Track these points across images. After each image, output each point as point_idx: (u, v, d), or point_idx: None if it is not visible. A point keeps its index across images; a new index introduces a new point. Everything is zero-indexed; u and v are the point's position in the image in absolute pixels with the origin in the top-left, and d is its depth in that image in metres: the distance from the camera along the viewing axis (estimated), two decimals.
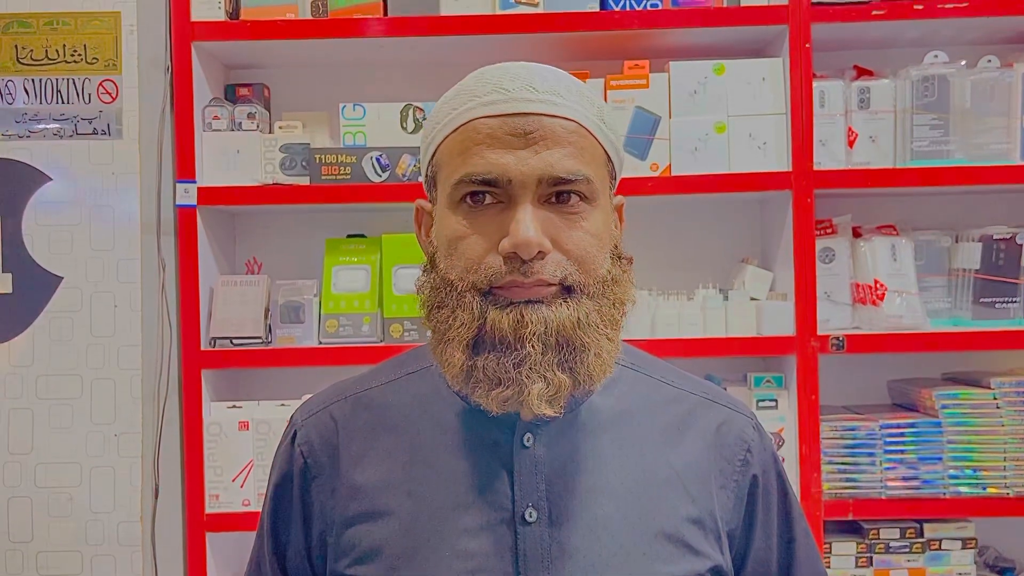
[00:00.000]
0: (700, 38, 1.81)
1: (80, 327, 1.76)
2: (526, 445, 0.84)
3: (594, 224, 0.82)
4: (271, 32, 1.76)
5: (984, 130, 1.75)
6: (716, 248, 1.97)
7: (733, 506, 0.88)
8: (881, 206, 1.92)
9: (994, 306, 1.78)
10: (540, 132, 0.80)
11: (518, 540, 0.81)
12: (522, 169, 0.79)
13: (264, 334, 1.78)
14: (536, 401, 0.77)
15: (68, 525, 1.74)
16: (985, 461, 1.71)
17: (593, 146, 0.83)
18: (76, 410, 1.75)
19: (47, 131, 1.77)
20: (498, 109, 0.80)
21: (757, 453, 0.90)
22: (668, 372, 0.94)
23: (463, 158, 0.81)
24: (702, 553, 0.84)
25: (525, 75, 0.82)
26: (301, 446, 0.90)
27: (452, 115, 0.83)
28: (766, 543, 0.90)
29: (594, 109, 0.84)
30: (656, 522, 0.83)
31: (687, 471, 0.86)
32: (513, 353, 0.78)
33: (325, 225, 1.94)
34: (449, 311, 0.81)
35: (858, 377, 1.94)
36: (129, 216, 1.77)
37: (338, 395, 0.93)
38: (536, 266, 0.78)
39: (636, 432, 0.87)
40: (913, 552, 1.73)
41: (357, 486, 0.86)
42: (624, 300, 0.84)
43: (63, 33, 1.77)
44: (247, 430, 1.74)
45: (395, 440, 0.87)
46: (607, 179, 0.86)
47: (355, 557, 0.84)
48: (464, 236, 0.81)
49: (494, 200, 0.80)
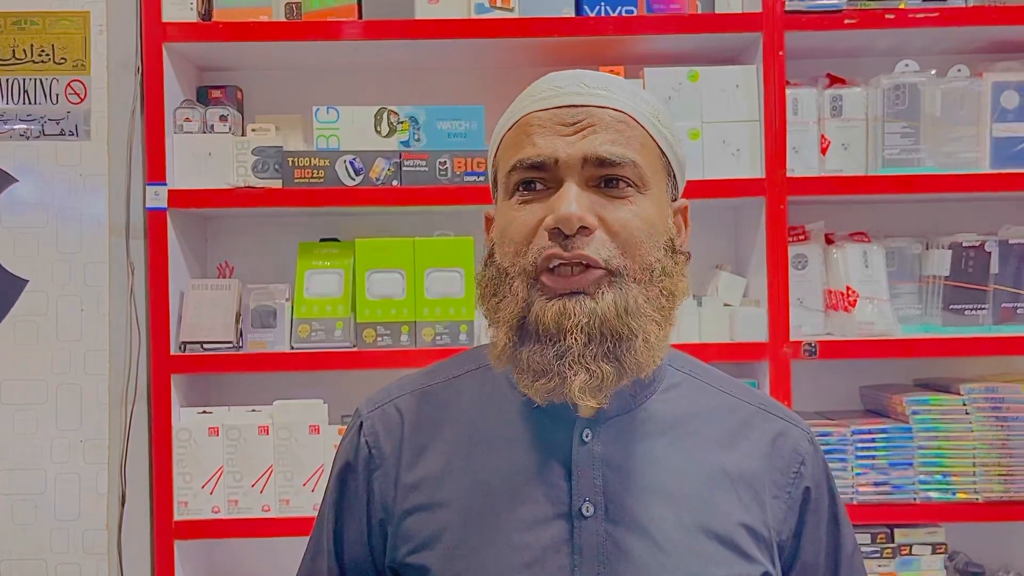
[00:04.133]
0: (675, 45, 1.82)
1: (46, 331, 1.73)
2: (585, 441, 0.85)
3: (643, 209, 0.83)
4: (244, 34, 1.74)
5: (954, 139, 1.77)
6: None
7: (784, 516, 0.88)
8: (853, 213, 1.93)
9: (964, 313, 1.80)
10: (588, 120, 0.83)
11: (574, 534, 0.82)
12: (568, 151, 0.82)
13: (235, 339, 1.76)
14: (578, 393, 0.79)
15: (32, 533, 1.71)
16: (955, 467, 1.72)
17: (644, 137, 0.85)
18: (41, 416, 1.72)
19: (13, 132, 1.74)
20: (549, 103, 0.85)
21: (811, 466, 0.91)
22: (726, 381, 0.95)
23: (516, 149, 0.85)
24: (754, 559, 0.85)
25: (580, 74, 0.87)
26: (367, 436, 0.92)
27: (510, 115, 0.88)
28: (814, 556, 0.91)
29: (648, 107, 0.87)
30: (710, 525, 0.84)
31: (741, 479, 0.87)
32: (556, 345, 0.79)
33: (298, 229, 1.93)
34: (500, 298, 0.83)
35: (830, 383, 1.95)
36: (97, 219, 1.75)
37: (404, 390, 0.95)
38: (579, 241, 0.80)
39: (693, 437, 0.88)
40: (884, 557, 1.74)
41: (418, 477, 0.88)
42: (676, 293, 0.85)
43: (31, 33, 1.74)
44: (217, 436, 1.71)
45: (457, 434, 0.89)
46: (661, 173, 0.87)
47: (413, 546, 0.86)
48: (514, 219, 0.84)
49: (544, 186, 0.83)
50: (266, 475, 1.71)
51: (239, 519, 1.70)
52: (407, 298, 1.76)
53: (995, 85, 1.77)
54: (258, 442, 1.71)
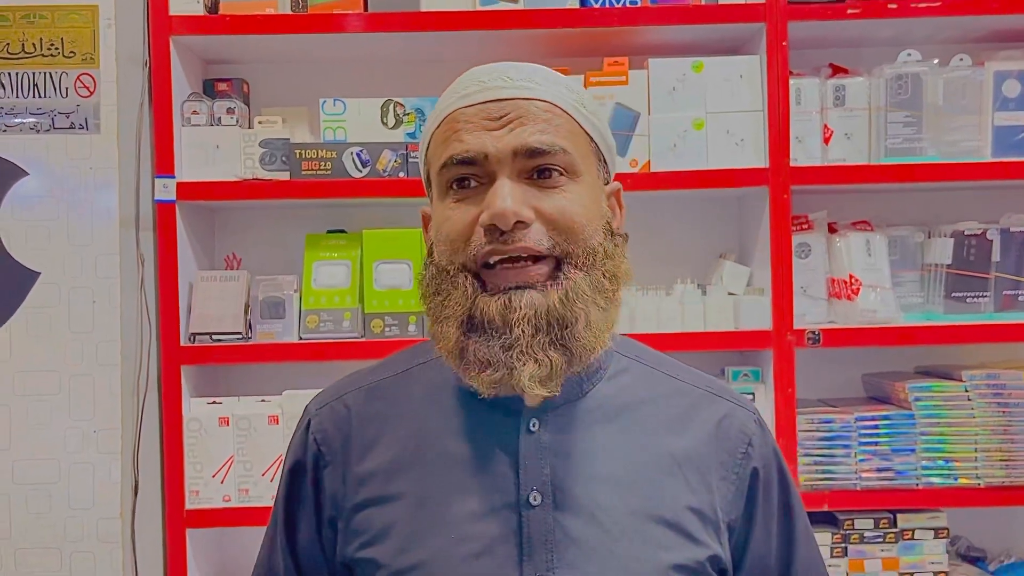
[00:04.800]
0: (679, 36, 1.83)
1: (58, 323, 1.75)
2: (532, 431, 0.86)
3: (578, 195, 0.84)
4: (250, 27, 1.75)
5: (956, 127, 1.78)
6: (694, 244, 1.99)
7: (733, 498, 0.89)
8: (856, 202, 1.94)
9: (965, 300, 1.81)
10: (514, 112, 0.83)
11: (522, 523, 0.83)
12: (497, 145, 0.82)
13: (244, 329, 1.78)
14: (528, 382, 0.79)
15: (47, 521, 1.74)
16: (957, 452, 1.74)
17: (571, 124, 0.85)
18: (54, 406, 1.75)
19: (24, 125, 1.76)
20: (475, 99, 0.85)
21: (758, 447, 0.92)
22: (672, 366, 0.96)
23: (445, 146, 0.85)
24: (701, 542, 0.86)
25: (503, 68, 0.87)
26: (315, 434, 0.93)
27: (437, 113, 0.88)
28: (766, 535, 0.92)
29: (573, 95, 0.87)
30: (657, 510, 0.85)
31: (689, 462, 0.88)
32: (502, 337, 0.80)
33: (305, 220, 1.94)
34: (444, 296, 0.84)
35: (834, 371, 1.97)
36: (107, 211, 1.77)
37: (352, 385, 0.95)
38: (517, 235, 0.80)
39: (640, 423, 0.89)
40: (887, 542, 1.76)
41: (368, 472, 0.88)
42: (618, 275, 0.86)
43: (40, 27, 1.75)
44: (227, 426, 1.73)
45: (405, 428, 0.89)
46: (592, 159, 0.88)
47: (364, 540, 0.87)
48: (449, 218, 0.84)
49: (478, 182, 0.83)
50: (276, 464, 1.73)
51: (250, 507, 1.72)
52: (414, 288, 1.76)
53: (997, 74, 1.78)
54: (268, 432, 1.73)
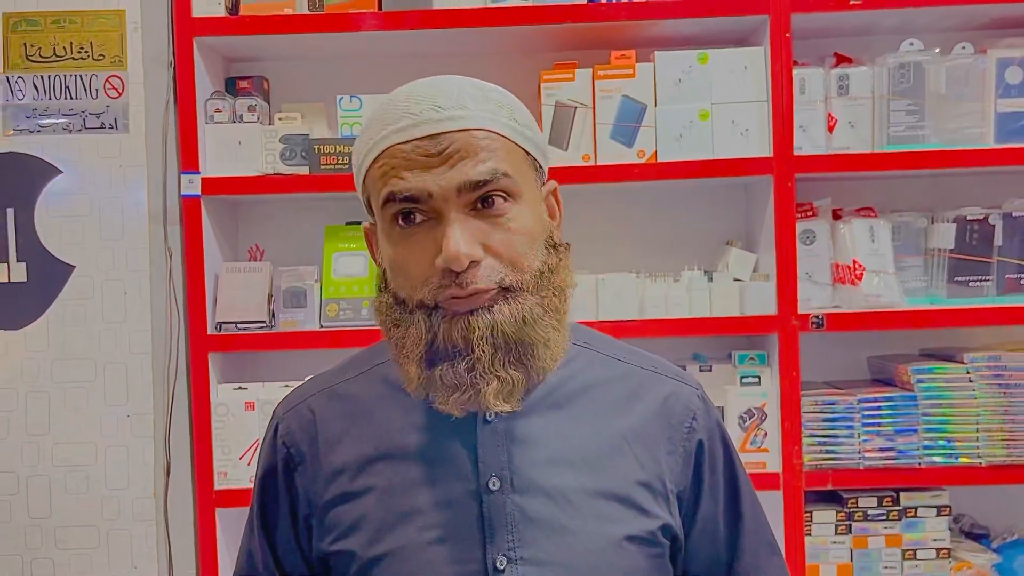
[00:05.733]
0: (685, 28, 1.87)
1: (92, 313, 1.83)
2: (488, 420, 0.91)
3: (522, 222, 0.87)
4: (269, 26, 1.82)
5: (958, 115, 1.81)
6: (701, 231, 2.03)
7: (681, 469, 0.95)
8: (860, 189, 1.98)
9: (968, 284, 1.85)
10: (452, 147, 0.84)
11: (483, 508, 0.89)
12: (440, 183, 0.84)
13: (268, 318, 1.86)
14: (493, 400, 0.84)
15: (85, 501, 1.82)
16: (958, 433, 1.78)
17: (507, 146, 0.87)
18: (90, 393, 1.83)
19: (56, 126, 1.84)
20: (409, 135, 0.85)
21: (703, 420, 0.97)
22: (620, 350, 1.00)
23: (384, 181, 0.86)
24: (652, 513, 0.91)
25: (431, 94, 0.87)
26: (283, 437, 0.97)
27: (371, 143, 0.88)
28: (713, 503, 0.98)
29: (503, 111, 0.88)
30: (609, 487, 0.90)
31: (636, 439, 0.93)
32: (466, 359, 0.84)
33: (324, 213, 2.00)
34: (404, 329, 0.88)
35: (838, 354, 2.01)
36: (137, 207, 1.84)
37: (315, 389, 1.00)
38: (470, 275, 0.84)
39: (590, 406, 0.94)
40: (890, 519, 1.81)
41: (335, 470, 0.93)
42: (564, 287, 0.90)
43: (70, 31, 1.83)
44: (253, 410, 1.81)
45: (368, 426, 0.94)
46: (530, 173, 0.91)
47: (338, 534, 0.92)
48: (404, 258, 0.87)
49: (424, 217, 0.86)
50: None
51: None
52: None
53: (999, 61, 1.81)
54: None
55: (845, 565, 1.81)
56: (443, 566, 0.88)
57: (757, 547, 1.00)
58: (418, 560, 0.88)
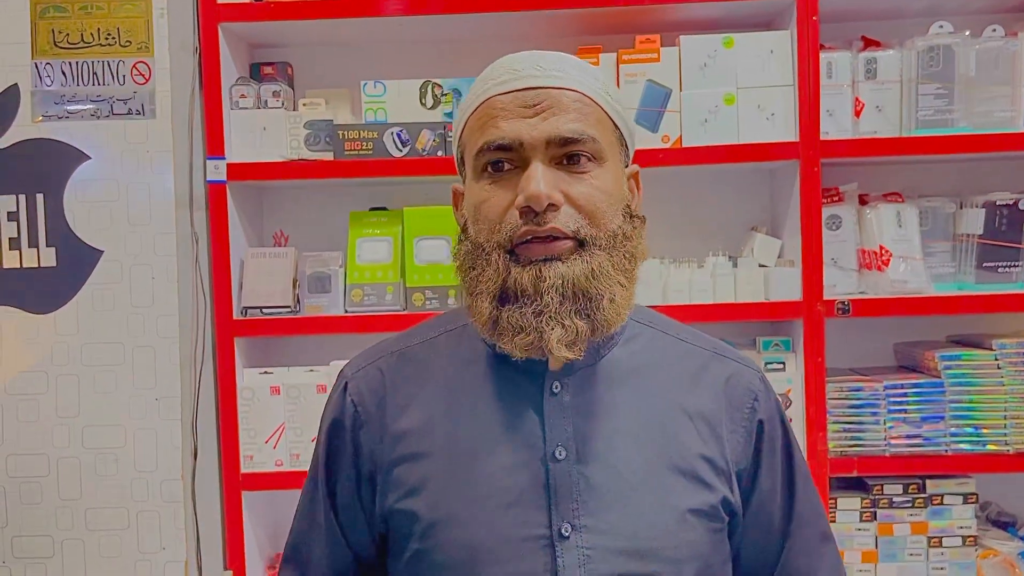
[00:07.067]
0: (710, 12, 1.85)
1: (121, 298, 1.86)
2: (555, 392, 0.93)
3: (603, 181, 0.91)
4: (293, 12, 1.82)
5: (988, 98, 1.79)
6: (726, 217, 2.02)
7: (742, 448, 0.97)
8: (887, 174, 1.96)
9: (997, 270, 1.83)
10: (547, 102, 0.90)
11: (549, 475, 0.90)
12: (532, 133, 0.89)
13: (293, 303, 1.87)
14: (556, 345, 0.87)
15: (114, 483, 1.85)
16: (986, 419, 1.77)
17: (598, 113, 0.92)
18: (119, 376, 1.86)
19: (84, 112, 1.86)
20: (509, 87, 0.91)
21: (763, 402, 0.99)
22: (683, 330, 1.03)
23: (482, 131, 0.91)
24: (713, 487, 0.93)
25: (534, 57, 0.93)
26: (352, 396, 1.00)
27: (473, 98, 0.94)
28: (771, 482, 0.99)
29: (599, 84, 0.94)
30: (672, 459, 0.92)
31: (700, 416, 0.95)
32: (533, 304, 0.88)
33: (349, 198, 2.02)
34: (479, 271, 0.91)
35: (865, 340, 2.00)
36: (164, 192, 1.86)
37: (385, 351, 1.03)
38: (549, 216, 0.88)
39: (653, 382, 0.96)
40: (916, 507, 1.80)
41: (402, 430, 0.96)
42: (636, 254, 0.93)
43: (97, 17, 1.85)
44: (278, 395, 1.83)
45: (436, 389, 0.97)
46: (616, 145, 0.95)
47: (402, 493, 0.94)
48: (486, 199, 0.91)
49: (512, 166, 0.90)
50: None
51: (300, 472, 1.79)
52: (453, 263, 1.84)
53: None
54: (316, 400, 1.82)
55: (870, 552, 1.80)
56: (509, 529, 0.89)
57: (810, 532, 1.01)
58: (483, 524, 0.90)
